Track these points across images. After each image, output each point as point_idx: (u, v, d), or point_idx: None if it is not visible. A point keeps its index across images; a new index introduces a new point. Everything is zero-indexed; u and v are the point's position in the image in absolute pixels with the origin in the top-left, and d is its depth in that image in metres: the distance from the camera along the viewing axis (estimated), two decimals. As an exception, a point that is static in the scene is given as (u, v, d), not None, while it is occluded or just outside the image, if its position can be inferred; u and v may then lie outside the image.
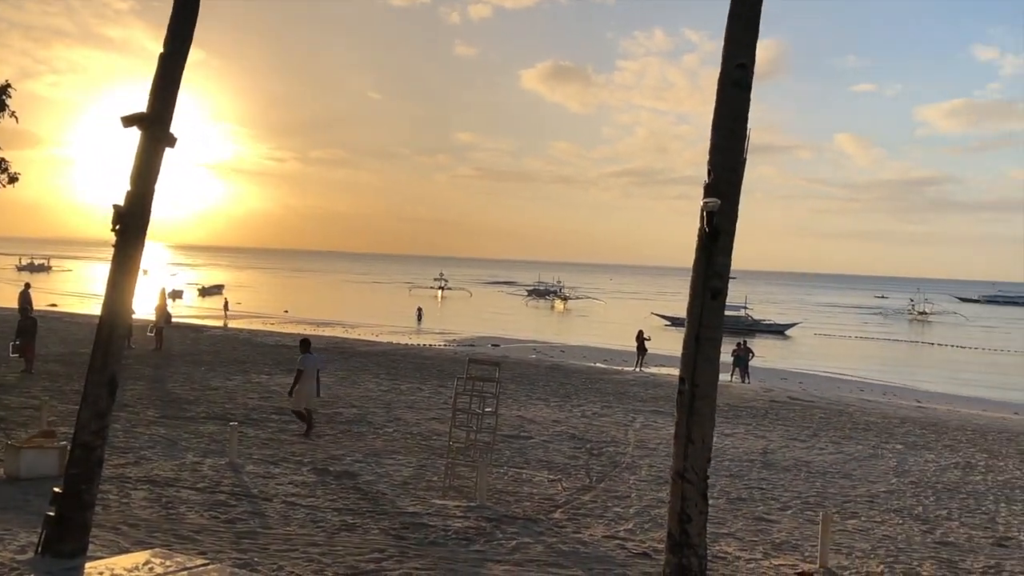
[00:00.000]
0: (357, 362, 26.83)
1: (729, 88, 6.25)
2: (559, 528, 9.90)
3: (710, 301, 6.22)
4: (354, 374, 23.78)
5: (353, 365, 25.92)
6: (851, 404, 24.25)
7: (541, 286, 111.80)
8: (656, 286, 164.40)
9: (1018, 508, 12.79)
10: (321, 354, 18.07)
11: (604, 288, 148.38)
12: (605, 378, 26.74)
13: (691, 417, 6.22)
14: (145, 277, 62.66)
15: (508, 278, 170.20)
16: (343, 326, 52.48)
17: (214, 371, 22.78)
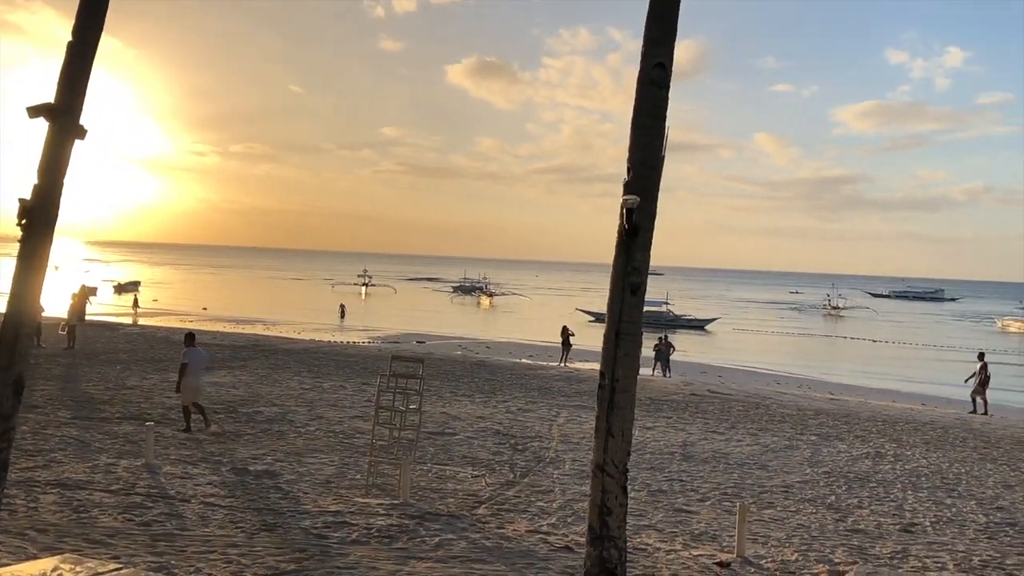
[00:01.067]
0: (278, 360, 26.42)
1: (648, 87, 6.33)
2: (483, 524, 9.92)
3: (630, 296, 6.29)
4: (275, 372, 23.42)
5: (274, 363, 25.52)
6: (768, 397, 24.88)
7: (467, 282, 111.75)
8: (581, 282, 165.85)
9: (924, 495, 13.31)
10: (210, 351, 17.92)
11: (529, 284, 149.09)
12: (530, 374, 26.88)
13: (611, 411, 6.29)
14: (56, 273, 60.46)
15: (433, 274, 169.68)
16: (264, 323, 51.61)
17: (130, 370, 22.17)
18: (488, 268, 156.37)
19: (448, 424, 16.99)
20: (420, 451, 13.60)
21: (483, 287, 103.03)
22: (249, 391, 19.68)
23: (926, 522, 11.65)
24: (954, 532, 11.20)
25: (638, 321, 6.40)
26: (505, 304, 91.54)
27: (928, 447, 17.81)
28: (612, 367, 6.34)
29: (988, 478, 14.92)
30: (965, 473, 15.25)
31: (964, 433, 19.97)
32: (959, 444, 18.40)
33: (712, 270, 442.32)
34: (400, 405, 12.12)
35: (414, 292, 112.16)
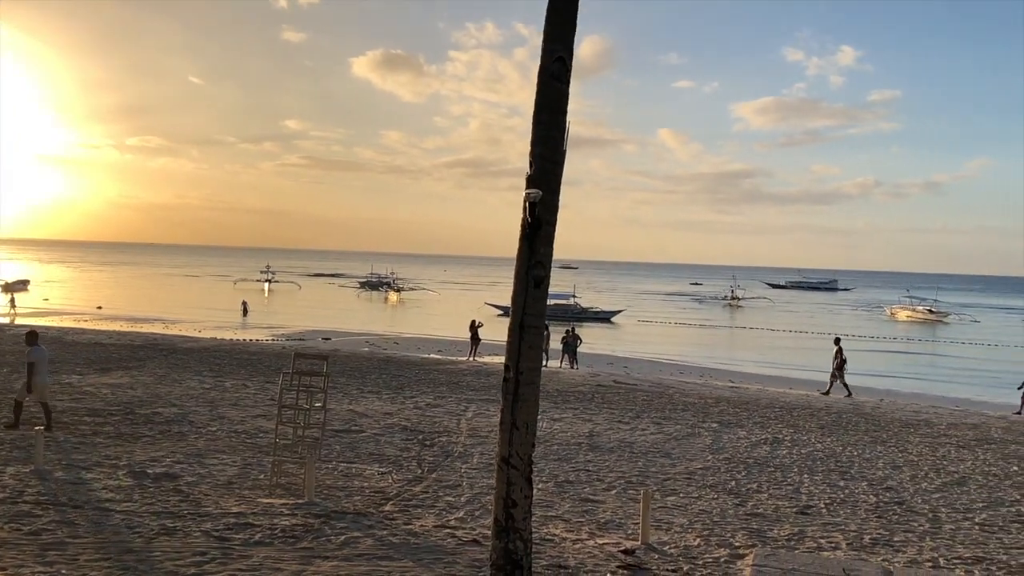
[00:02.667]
0: (178, 359, 25.65)
1: (548, 81, 6.38)
2: (390, 520, 9.85)
3: (533, 289, 6.34)
4: (174, 372, 22.73)
5: (173, 362, 24.77)
6: (671, 386, 25.42)
7: (374, 278, 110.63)
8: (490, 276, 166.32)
9: (819, 478, 13.82)
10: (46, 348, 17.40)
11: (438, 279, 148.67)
12: (439, 369, 26.80)
13: (516, 404, 6.33)
14: (-65, 273, 57.15)
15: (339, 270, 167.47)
16: (163, 322, 50.08)
17: (17, 372, 21.17)
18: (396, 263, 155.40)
19: (355, 421, 16.80)
20: (326, 449, 13.42)
21: (390, 282, 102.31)
22: (147, 391, 19.05)
23: (821, 504, 12.10)
24: (847, 512, 11.67)
25: (542, 314, 6.46)
26: (413, 299, 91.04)
27: (823, 432, 18.49)
28: (517, 360, 6.37)
29: (878, 460, 15.59)
30: (857, 456, 15.89)
31: (856, 418, 20.81)
32: (851, 428, 19.16)
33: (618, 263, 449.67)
34: (304, 403, 11.93)
35: (319, 288, 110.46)
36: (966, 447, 17.31)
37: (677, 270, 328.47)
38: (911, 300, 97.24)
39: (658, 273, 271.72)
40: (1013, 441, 18.27)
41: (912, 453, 16.40)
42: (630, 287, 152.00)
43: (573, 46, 6.48)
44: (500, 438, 6.41)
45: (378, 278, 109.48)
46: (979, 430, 19.63)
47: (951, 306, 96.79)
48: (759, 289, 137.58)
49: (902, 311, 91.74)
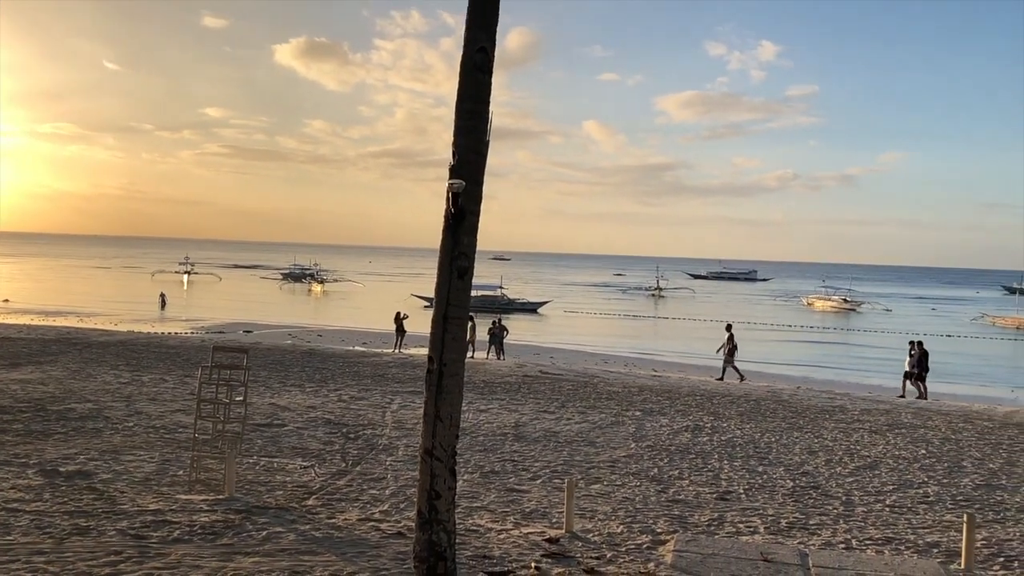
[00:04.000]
0: (92, 353, 24.87)
1: (471, 71, 6.35)
2: (312, 515, 9.73)
3: (457, 280, 6.32)
4: (89, 366, 22.04)
5: (88, 357, 24.01)
6: (596, 376, 25.68)
7: (296, 269, 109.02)
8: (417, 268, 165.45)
9: (738, 464, 14.14)
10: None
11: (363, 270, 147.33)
12: (364, 361, 26.56)
13: (439, 395, 6.30)
14: None
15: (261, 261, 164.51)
16: (77, 315, 48.51)
17: (-82, 369, 20.27)
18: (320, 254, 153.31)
19: (277, 415, 16.54)
20: (247, 444, 13.19)
21: (314, 274, 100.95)
22: (60, 387, 18.43)
23: (740, 489, 12.38)
24: (765, 497, 11.97)
25: (466, 305, 6.44)
26: (338, 291, 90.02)
27: (742, 419, 18.92)
28: (440, 351, 6.35)
29: (795, 445, 16.03)
30: (775, 442, 16.31)
31: (774, 405, 21.34)
32: (770, 415, 19.65)
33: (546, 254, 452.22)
34: (224, 397, 11.69)
35: (240, 280, 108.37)
36: (878, 432, 17.91)
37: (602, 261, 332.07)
38: (826, 290, 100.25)
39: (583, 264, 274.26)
40: (922, 426, 18.98)
41: (827, 439, 16.90)
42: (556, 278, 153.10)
43: (495, 36, 6.46)
44: (423, 430, 6.38)
45: (301, 269, 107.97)
46: (890, 416, 20.33)
47: (864, 295, 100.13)
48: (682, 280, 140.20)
49: (818, 301, 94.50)
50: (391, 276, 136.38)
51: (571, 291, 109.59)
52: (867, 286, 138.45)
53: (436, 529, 6.20)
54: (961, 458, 15.43)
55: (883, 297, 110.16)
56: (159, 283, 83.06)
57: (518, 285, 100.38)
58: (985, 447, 16.67)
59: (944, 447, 16.46)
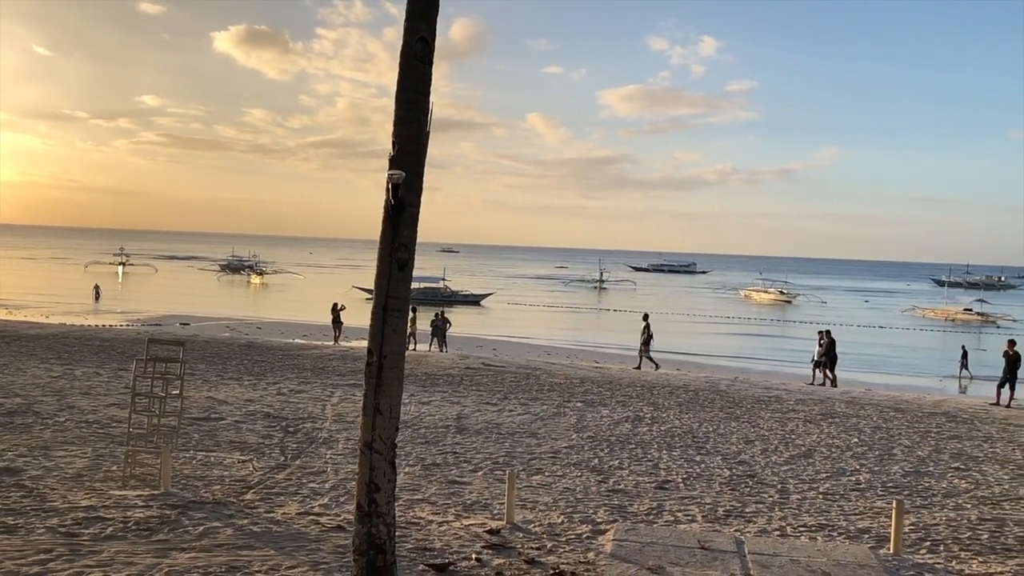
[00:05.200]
0: (22, 346, 24.17)
1: (411, 61, 6.31)
2: (251, 509, 9.60)
3: (397, 272, 6.28)
4: (18, 360, 21.41)
5: (17, 350, 23.33)
6: (538, 368, 25.79)
7: (235, 260, 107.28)
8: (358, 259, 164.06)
9: (677, 454, 14.34)
10: None
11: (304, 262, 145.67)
12: (303, 354, 26.28)
13: (379, 388, 6.26)
14: None
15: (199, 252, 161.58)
16: (5, 307, 47.07)
17: None
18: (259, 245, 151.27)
19: (214, 409, 16.28)
20: (183, 438, 12.96)
21: (253, 265, 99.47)
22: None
23: (678, 479, 12.56)
24: (703, 486, 12.16)
25: (406, 297, 6.41)
26: (277, 283, 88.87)
27: (681, 409, 19.18)
28: (380, 344, 6.31)
29: (732, 435, 16.31)
30: (713, 431, 16.57)
31: (712, 395, 21.68)
32: (708, 405, 19.96)
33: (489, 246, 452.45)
34: (160, 391, 11.46)
35: (177, 271, 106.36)
36: (812, 421, 18.32)
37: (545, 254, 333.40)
38: (763, 283, 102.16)
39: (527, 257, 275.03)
40: (854, 415, 19.47)
41: (763, 428, 17.23)
42: (500, 270, 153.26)
43: (436, 26, 6.43)
44: (363, 423, 6.34)
45: (240, 261, 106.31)
46: (824, 405, 20.81)
47: (800, 288, 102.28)
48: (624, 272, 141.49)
49: (755, 293, 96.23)
50: (332, 268, 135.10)
51: (514, 283, 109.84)
52: (803, 279, 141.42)
53: (376, 522, 6.17)
54: (892, 446, 15.87)
55: (818, 290, 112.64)
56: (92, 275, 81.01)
57: (462, 277, 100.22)
58: (914, 435, 17.17)
59: (876, 436, 16.91)
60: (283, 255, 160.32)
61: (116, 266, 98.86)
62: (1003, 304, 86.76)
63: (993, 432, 18.09)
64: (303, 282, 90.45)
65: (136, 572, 7.28)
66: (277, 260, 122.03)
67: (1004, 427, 18.87)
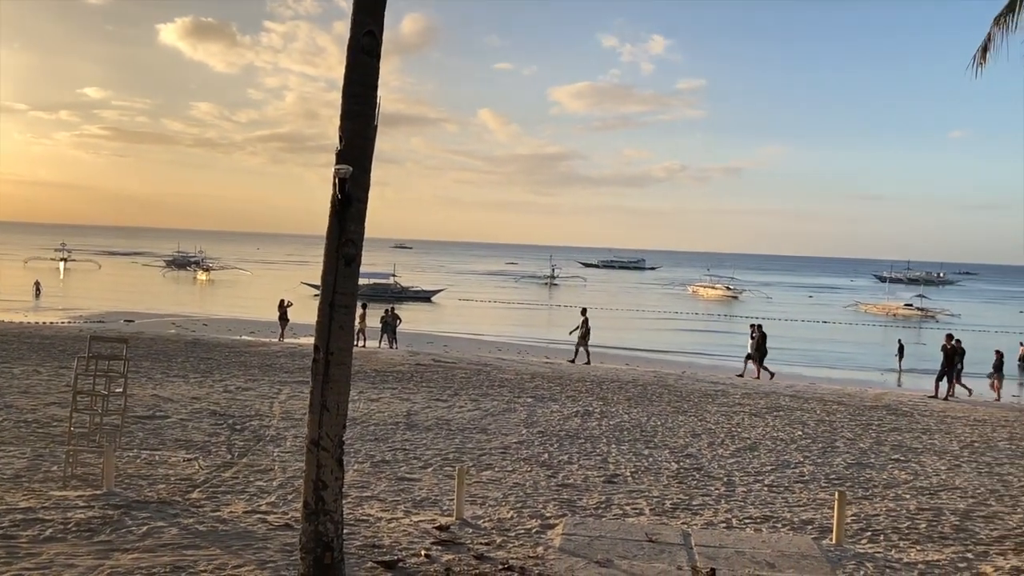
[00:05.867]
0: (-43, 345, 23.49)
1: (358, 55, 6.26)
2: (197, 508, 9.46)
3: (344, 268, 6.23)
4: (-47, 359, 20.80)
5: (-48, 348, 22.66)
6: (489, 364, 25.81)
7: (181, 256, 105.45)
8: (306, 255, 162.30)
9: (625, 448, 14.47)
10: None
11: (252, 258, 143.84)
12: (250, 351, 25.95)
13: (326, 385, 6.22)
14: None
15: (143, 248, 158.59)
16: (-60, 304, 45.67)
17: None
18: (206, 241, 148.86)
19: (160, 407, 16.01)
20: (127, 437, 12.72)
21: (199, 261, 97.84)
22: (-81, 381, 17.34)
23: (627, 472, 12.68)
24: (651, 479, 12.29)
25: (353, 293, 6.36)
26: (224, 279, 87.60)
27: (630, 403, 19.35)
28: (327, 340, 6.26)
29: (680, 429, 16.50)
30: (660, 425, 16.76)
31: (660, 389, 21.91)
32: (656, 399, 20.16)
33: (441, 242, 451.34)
34: (103, 389, 11.23)
35: (121, 267, 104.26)
36: (758, 415, 18.62)
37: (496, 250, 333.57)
38: (711, 279, 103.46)
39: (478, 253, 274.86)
40: (798, 409, 19.83)
41: (710, 422, 17.47)
42: (451, 266, 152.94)
43: (383, 20, 6.39)
44: (309, 420, 6.29)
45: (186, 257, 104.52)
46: (769, 399, 21.17)
47: (746, 284, 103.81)
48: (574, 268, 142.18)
49: (703, 289, 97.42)
50: (280, 263, 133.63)
51: (465, 279, 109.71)
52: (750, 275, 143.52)
53: (323, 520, 6.13)
54: (834, 439, 16.20)
55: (764, 285, 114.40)
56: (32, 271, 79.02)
57: (412, 273, 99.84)
58: (856, 428, 17.55)
59: (819, 428, 17.25)
60: (230, 251, 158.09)
61: (57, 262, 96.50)
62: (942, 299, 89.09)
63: (932, 424, 18.57)
64: (250, 278, 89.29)
65: (77, 574, 7.14)
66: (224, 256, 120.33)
67: (942, 419, 19.39)
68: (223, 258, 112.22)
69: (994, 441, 16.85)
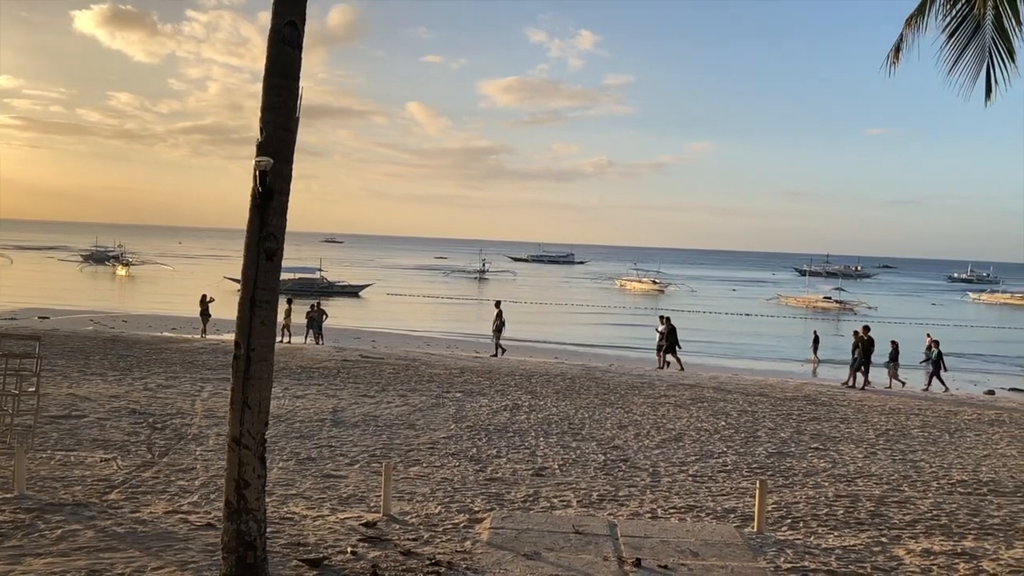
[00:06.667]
0: None
1: (279, 46, 6.15)
2: (115, 510, 9.20)
3: (265, 262, 6.12)
4: None
5: None
6: (417, 359, 25.69)
7: (99, 251, 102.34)
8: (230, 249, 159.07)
9: (553, 440, 14.56)
10: None
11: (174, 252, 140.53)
12: (172, 347, 25.33)
13: (247, 382, 6.11)
14: None
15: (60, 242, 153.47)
16: None
17: None
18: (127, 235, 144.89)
19: (76, 406, 15.51)
20: (40, 437, 12.30)
21: (119, 256, 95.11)
22: None
23: (555, 465, 12.76)
24: (578, 472, 12.40)
25: (275, 288, 6.26)
26: (145, 274, 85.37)
27: (558, 396, 19.48)
28: (248, 336, 6.14)
29: (607, 421, 16.68)
30: (588, 418, 16.91)
31: (588, 382, 22.11)
32: (584, 392, 20.34)
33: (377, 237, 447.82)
34: (14, 388, 10.83)
35: (36, 262, 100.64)
36: (682, 406, 18.94)
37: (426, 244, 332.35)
38: (638, 272, 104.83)
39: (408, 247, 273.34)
40: (722, 399, 20.23)
41: (636, 413, 17.70)
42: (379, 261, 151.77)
43: (305, 10, 6.28)
44: (231, 418, 6.17)
45: (104, 251, 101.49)
46: (694, 390, 21.55)
47: (672, 278, 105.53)
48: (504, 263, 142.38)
49: (630, 283, 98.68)
50: (202, 258, 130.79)
51: (393, 274, 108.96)
52: (676, 269, 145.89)
53: (245, 518, 6.02)
54: (756, 429, 16.58)
55: (690, 279, 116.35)
56: (-61, 266, 75.81)
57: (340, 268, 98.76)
58: (777, 418, 17.99)
59: (741, 419, 17.63)
60: (151, 245, 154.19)
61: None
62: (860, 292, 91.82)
63: (849, 414, 19.14)
64: (172, 273, 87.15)
65: (-15, 581, 6.88)
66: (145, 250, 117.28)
67: (859, 408, 20.00)
68: (143, 252, 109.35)
69: (908, 429, 17.46)
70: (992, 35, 8.82)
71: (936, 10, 9.07)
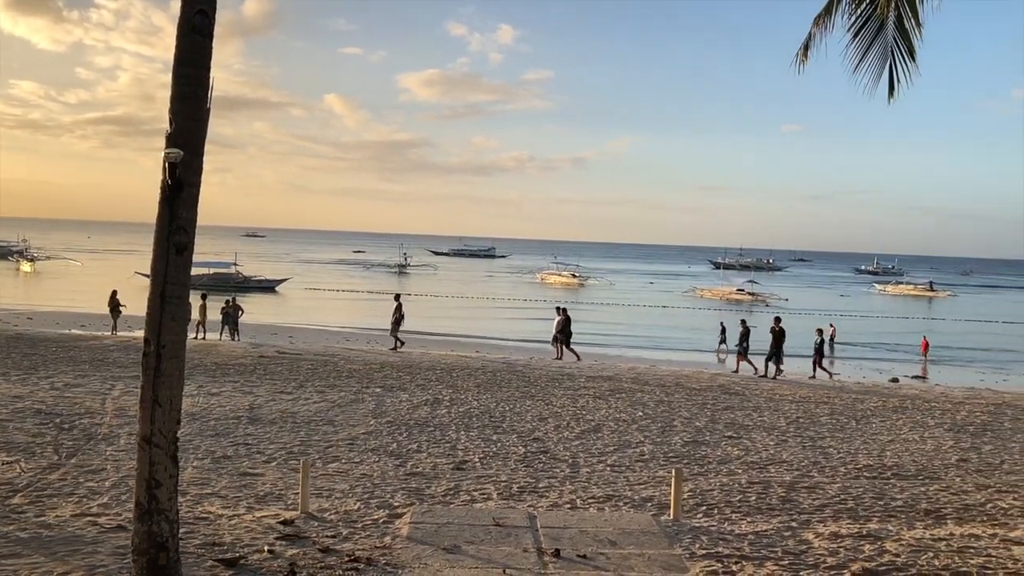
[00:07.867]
0: None
1: (189, 35, 5.99)
2: (18, 514, 8.87)
3: (175, 257, 5.97)
4: None
5: None
6: (336, 354, 25.40)
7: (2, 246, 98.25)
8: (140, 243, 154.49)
9: (474, 434, 14.58)
10: None
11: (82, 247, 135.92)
12: (81, 345, 24.50)
13: (158, 379, 5.95)
14: None
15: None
16: None
17: None
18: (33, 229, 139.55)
19: (-24, 407, 14.87)
20: (-63, 441, 11.77)
21: (23, 251, 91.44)
22: None
23: (476, 458, 12.79)
24: (499, 464, 12.45)
25: (185, 283, 6.12)
26: (51, 270, 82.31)
27: (479, 390, 19.52)
28: (158, 333, 5.99)
29: (527, 413, 16.79)
30: (509, 411, 16.99)
31: (509, 375, 22.21)
32: (505, 385, 20.43)
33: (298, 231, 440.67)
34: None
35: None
36: (601, 397, 19.19)
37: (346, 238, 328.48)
38: (558, 266, 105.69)
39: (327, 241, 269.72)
40: (639, 390, 20.57)
41: (556, 405, 17.86)
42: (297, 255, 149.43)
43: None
44: (141, 416, 6.01)
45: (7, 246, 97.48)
46: (612, 382, 21.85)
47: (591, 271, 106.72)
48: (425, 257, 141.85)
49: (550, 276, 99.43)
50: (113, 253, 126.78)
51: (312, 268, 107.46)
52: (595, 262, 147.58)
53: (157, 519, 5.87)
54: (673, 419, 16.90)
55: (609, 272, 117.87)
56: None
57: (256, 263, 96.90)
58: (693, 407, 18.38)
59: (658, 409, 17.95)
60: (58, 239, 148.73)
61: None
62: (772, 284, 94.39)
63: (761, 403, 19.67)
64: (80, 268, 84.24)
65: None
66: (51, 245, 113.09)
67: (771, 397, 20.58)
68: (50, 247, 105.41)
69: (817, 416, 18.04)
70: (894, 35, 9.13)
71: (842, 10, 9.35)
